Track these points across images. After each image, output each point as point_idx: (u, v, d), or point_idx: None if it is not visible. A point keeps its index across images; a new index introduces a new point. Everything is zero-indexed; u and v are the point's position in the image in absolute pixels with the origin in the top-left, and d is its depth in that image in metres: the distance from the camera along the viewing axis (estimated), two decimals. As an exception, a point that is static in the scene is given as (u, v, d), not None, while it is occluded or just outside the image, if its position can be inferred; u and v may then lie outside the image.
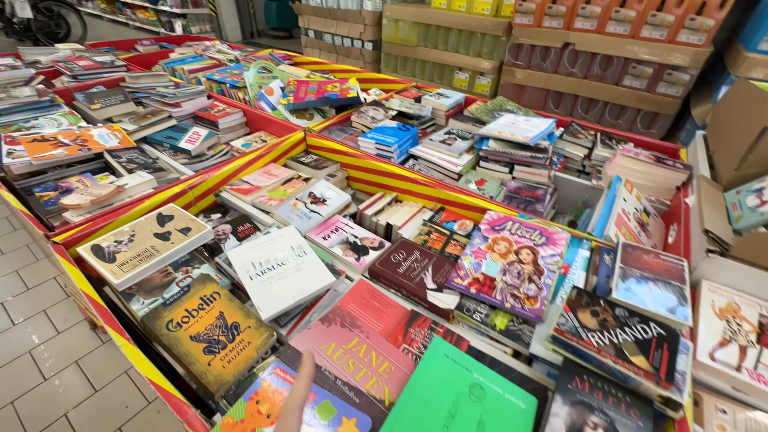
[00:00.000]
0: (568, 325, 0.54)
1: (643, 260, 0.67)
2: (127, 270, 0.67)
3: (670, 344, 0.50)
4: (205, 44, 2.12)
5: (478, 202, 0.89)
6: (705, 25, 1.76)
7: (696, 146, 1.06)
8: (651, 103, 2.06)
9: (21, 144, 0.99)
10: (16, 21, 4.11)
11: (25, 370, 1.23)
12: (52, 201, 0.89)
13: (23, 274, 1.57)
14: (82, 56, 1.70)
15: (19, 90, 1.25)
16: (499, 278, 0.69)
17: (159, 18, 5.30)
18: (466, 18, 2.48)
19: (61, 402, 1.15)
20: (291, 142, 1.13)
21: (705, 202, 0.74)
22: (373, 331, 0.61)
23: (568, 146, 1.18)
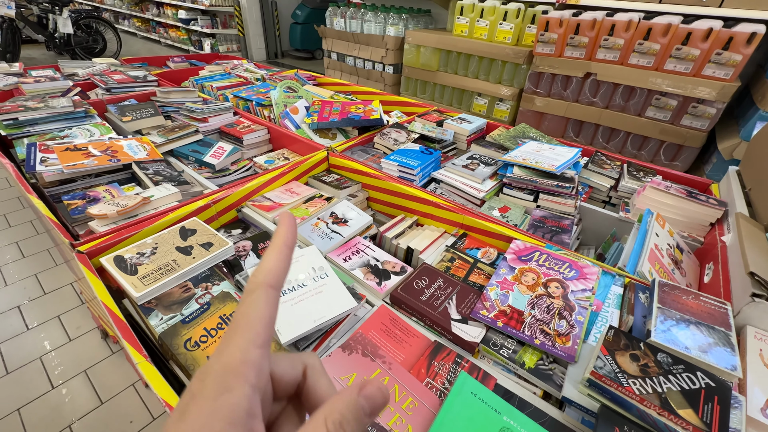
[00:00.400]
0: (606, 369, 0.51)
1: (682, 301, 0.63)
2: (148, 283, 0.66)
3: (720, 397, 0.46)
4: (233, 63, 2.19)
5: (503, 230, 0.86)
6: (732, 60, 1.75)
7: (729, 182, 1.03)
8: (675, 135, 2.02)
9: (54, 152, 1.02)
10: (57, 36, 4.37)
11: (35, 376, 1.22)
12: (79, 209, 0.90)
13: (42, 279, 1.59)
14: (117, 70, 1.77)
15: (56, 100, 1.30)
16: (528, 312, 0.66)
17: (189, 37, 5.56)
18: (488, 46, 2.52)
19: (67, 412, 1.13)
20: (314, 161, 1.14)
21: (747, 242, 0.71)
22: (396, 362, 0.58)
23: (594, 176, 1.15)
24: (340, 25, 3.45)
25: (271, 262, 0.21)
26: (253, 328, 0.19)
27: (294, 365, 0.22)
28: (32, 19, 4.32)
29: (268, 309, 0.20)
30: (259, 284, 0.21)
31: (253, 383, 0.17)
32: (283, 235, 0.23)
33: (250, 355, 0.18)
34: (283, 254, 0.22)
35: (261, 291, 0.20)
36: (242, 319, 0.19)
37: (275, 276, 0.21)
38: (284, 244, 0.22)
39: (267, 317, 0.20)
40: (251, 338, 0.19)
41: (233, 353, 0.18)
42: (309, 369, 0.22)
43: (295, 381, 0.22)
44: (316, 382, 0.22)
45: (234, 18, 5.08)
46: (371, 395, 0.19)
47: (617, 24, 1.97)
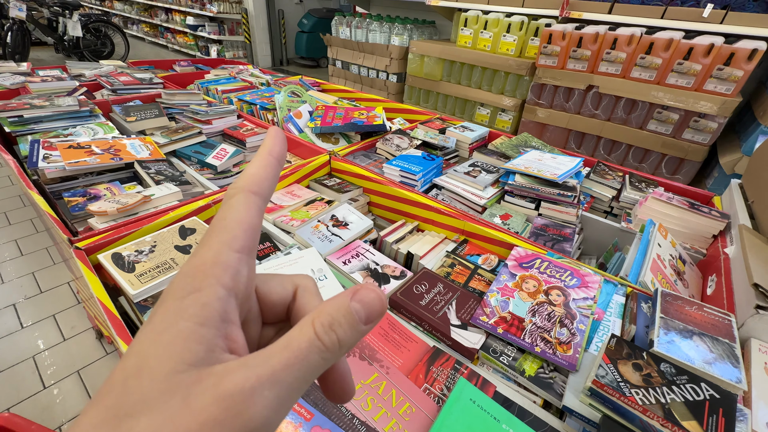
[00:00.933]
0: (609, 378, 0.50)
1: (685, 312, 0.62)
2: (145, 281, 0.65)
3: (726, 409, 0.45)
4: (239, 67, 2.21)
5: (504, 237, 0.86)
6: (733, 76, 1.76)
7: (732, 195, 1.02)
8: (676, 148, 2.03)
9: (57, 150, 1.02)
10: (66, 38, 4.43)
11: (27, 375, 1.20)
12: (79, 206, 0.90)
13: (38, 277, 1.58)
14: (124, 72, 1.79)
15: (61, 99, 1.31)
16: (528, 319, 0.65)
17: (197, 42, 5.64)
18: (491, 57, 2.54)
19: (58, 413, 1.11)
20: (316, 165, 1.14)
21: (750, 254, 0.70)
22: (393, 367, 0.57)
23: (596, 186, 1.15)
24: (345, 34, 3.50)
25: (254, 168, 0.19)
26: (230, 230, 0.17)
27: (284, 285, 0.20)
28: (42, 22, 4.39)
29: (249, 213, 0.18)
30: (240, 188, 0.18)
31: (227, 285, 0.16)
32: (269, 145, 0.20)
33: (223, 256, 0.16)
34: (268, 162, 0.20)
35: (241, 195, 0.18)
36: (218, 223, 0.17)
37: (258, 182, 0.19)
38: (269, 152, 0.20)
39: (247, 221, 0.17)
40: (226, 240, 0.17)
41: (204, 254, 0.16)
42: (300, 289, 0.20)
43: (284, 301, 0.20)
44: (307, 302, 0.20)
45: (241, 25, 5.15)
46: (366, 300, 0.16)
47: (619, 38, 2.00)
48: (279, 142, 0.21)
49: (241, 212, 0.18)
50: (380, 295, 0.17)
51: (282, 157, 0.21)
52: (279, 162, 0.20)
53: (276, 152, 0.20)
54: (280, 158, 0.20)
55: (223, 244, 0.17)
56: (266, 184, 0.19)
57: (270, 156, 0.20)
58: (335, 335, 0.16)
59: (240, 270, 0.17)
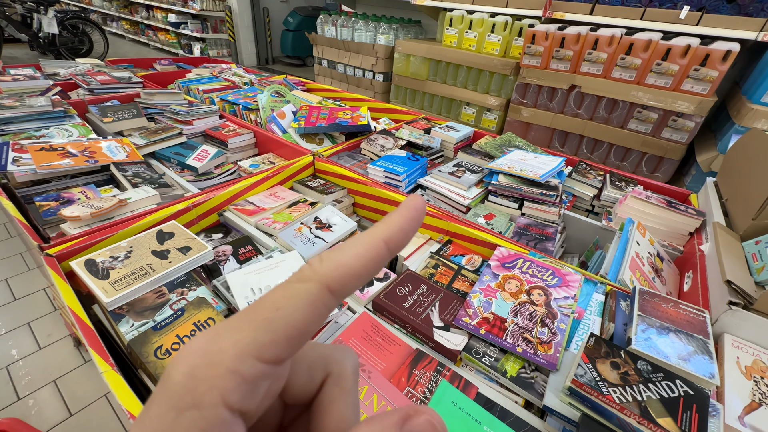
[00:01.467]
0: (587, 377, 0.50)
1: (662, 309, 0.64)
2: (119, 288, 0.63)
3: (699, 405, 0.46)
4: (221, 66, 2.17)
5: (488, 237, 0.86)
6: (709, 76, 1.81)
7: (707, 193, 1.05)
8: (656, 147, 2.08)
9: (28, 152, 0.99)
10: (41, 35, 4.28)
11: (0, 387, 1.16)
12: (51, 211, 0.86)
13: (12, 284, 1.52)
14: (101, 71, 1.74)
15: (34, 99, 1.26)
16: (510, 319, 0.65)
17: (179, 40, 5.52)
18: (476, 57, 2.56)
19: (33, 425, 1.06)
20: (299, 166, 1.13)
21: (724, 251, 0.72)
22: (376, 371, 0.56)
23: (578, 185, 1.17)
24: (331, 32, 3.47)
25: (351, 258, 0.13)
26: (272, 332, 0.12)
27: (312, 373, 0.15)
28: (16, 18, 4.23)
29: (309, 318, 0.13)
30: (318, 277, 0.13)
31: (233, 406, 0.12)
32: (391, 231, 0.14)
33: (244, 366, 0.12)
34: (374, 254, 0.14)
35: (313, 288, 0.13)
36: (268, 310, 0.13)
37: (346, 279, 0.13)
38: (385, 240, 0.14)
39: (301, 328, 0.13)
40: (259, 342, 0.12)
41: (224, 350, 0.12)
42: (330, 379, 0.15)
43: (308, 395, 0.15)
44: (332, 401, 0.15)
45: (225, 23, 5.06)
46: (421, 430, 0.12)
47: (600, 39, 2.03)
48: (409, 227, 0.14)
49: (299, 313, 0.13)
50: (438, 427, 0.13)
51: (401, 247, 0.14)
52: (392, 254, 0.14)
53: (395, 243, 0.14)
54: (396, 250, 0.14)
55: (254, 348, 0.12)
56: (355, 283, 0.13)
57: (383, 245, 0.14)
58: None
59: (260, 385, 0.12)
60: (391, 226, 0.14)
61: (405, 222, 0.14)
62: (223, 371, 0.12)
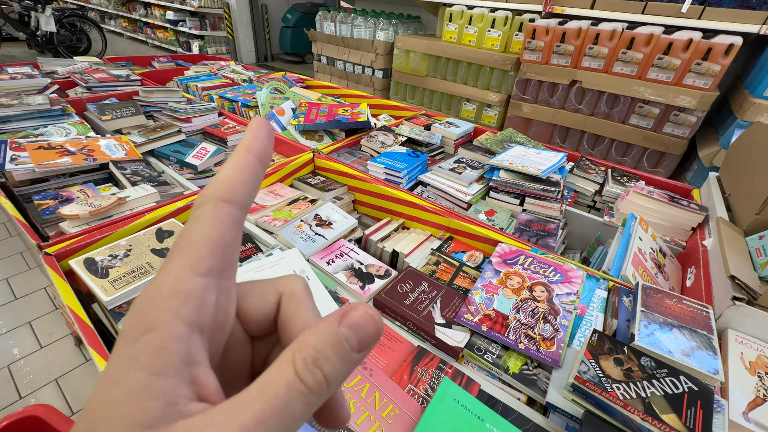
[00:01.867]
0: (590, 374, 0.50)
1: (665, 305, 0.63)
2: (119, 287, 0.63)
3: (703, 401, 0.46)
4: (220, 64, 2.16)
5: (489, 233, 0.86)
6: (711, 70, 1.80)
7: (710, 187, 1.04)
8: (657, 142, 2.07)
9: (26, 150, 0.98)
10: (39, 34, 4.26)
11: (2, 386, 1.16)
12: (50, 210, 0.86)
13: (12, 283, 1.52)
14: (99, 69, 1.73)
15: (31, 98, 1.26)
16: (512, 316, 0.65)
17: (177, 38, 5.49)
18: (476, 52, 2.54)
19: (35, 424, 1.07)
20: (299, 163, 1.12)
21: (727, 246, 0.71)
22: (377, 369, 0.56)
23: (579, 181, 1.16)
24: (330, 29, 3.45)
25: (227, 170, 0.16)
26: (194, 250, 0.14)
27: (265, 296, 0.17)
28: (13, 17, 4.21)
29: (219, 227, 0.15)
30: (208, 197, 0.15)
31: (188, 320, 0.13)
32: (248, 140, 0.16)
33: (183, 284, 0.13)
34: (246, 161, 0.16)
35: (209, 205, 0.15)
36: (181, 241, 0.14)
37: (231, 187, 0.15)
38: (247, 149, 0.16)
39: (216, 236, 0.14)
40: (189, 263, 0.14)
41: (161, 282, 0.13)
42: (284, 298, 0.17)
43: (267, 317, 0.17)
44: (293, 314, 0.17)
45: (223, 20, 5.04)
46: (357, 322, 0.14)
47: (601, 33, 2.02)
48: (261, 136, 0.17)
49: (208, 226, 0.14)
50: (373, 313, 0.14)
51: (265, 154, 0.17)
52: (261, 161, 0.16)
53: (256, 149, 0.16)
54: (261, 156, 0.16)
55: (185, 268, 0.14)
56: (243, 188, 0.16)
57: (248, 153, 0.16)
58: (321, 373, 0.13)
59: (206, 298, 0.14)
60: (246, 140, 0.17)
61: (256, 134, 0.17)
62: (167, 294, 0.13)
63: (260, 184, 0.17)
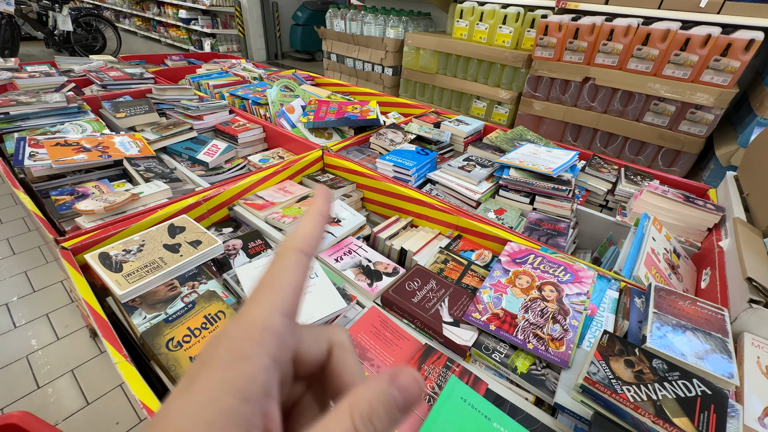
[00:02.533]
0: (600, 375, 0.49)
1: (678, 306, 0.62)
2: (132, 281, 0.64)
3: (717, 406, 0.45)
4: (231, 62, 2.18)
5: (498, 232, 0.85)
6: (730, 67, 1.75)
7: (727, 187, 1.02)
8: (673, 140, 2.02)
9: (44, 147, 1.00)
10: (56, 33, 4.35)
11: (21, 375, 1.20)
12: (66, 205, 0.88)
13: (31, 276, 1.57)
14: (114, 67, 1.76)
15: (49, 96, 1.29)
16: (521, 315, 0.64)
17: (190, 36, 5.56)
18: (487, 49, 2.52)
19: (52, 413, 1.10)
20: (308, 160, 1.13)
21: (745, 248, 0.69)
22: (385, 366, 0.56)
23: (591, 180, 1.14)
24: (340, 26, 3.45)
25: (306, 228, 0.19)
26: (281, 292, 0.17)
27: (319, 341, 0.19)
28: (32, 16, 4.31)
29: (299, 275, 0.18)
30: (292, 248, 0.18)
31: (273, 354, 0.15)
32: (319, 205, 0.21)
33: (272, 321, 0.16)
34: (318, 222, 0.20)
35: (294, 255, 0.18)
36: (269, 282, 0.17)
37: (309, 242, 0.19)
38: (319, 212, 0.21)
39: (297, 284, 0.17)
40: (276, 303, 0.16)
41: (254, 317, 0.16)
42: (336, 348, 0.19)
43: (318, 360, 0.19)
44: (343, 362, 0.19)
45: (234, 18, 5.08)
46: (406, 386, 0.15)
47: (616, 29, 1.98)
48: (327, 203, 0.21)
49: (292, 273, 0.17)
50: (419, 379, 0.16)
51: (329, 216, 0.21)
52: (327, 221, 0.21)
53: (326, 212, 0.21)
54: (327, 218, 0.21)
55: (274, 307, 0.16)
56: (316, 243, 0.19)
57: (320, 216, 0.20)
58: (373, 428, 0.14)
59: (285, 337, 0.16)
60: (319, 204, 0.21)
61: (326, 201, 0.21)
62: (260, 328, 0.15)
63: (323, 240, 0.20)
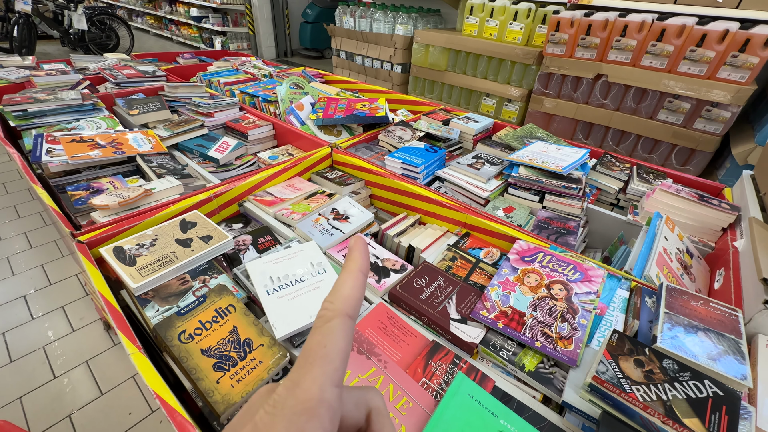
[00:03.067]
0: (609, 374, 0.49)
1: (690, 307, 0.61)
2: (146, 275, 0.66)
3: (729, 407, 0.44)
4: (241, 59, 2.20)
5: (507, 230, 0.85)
6: (748, 63, 1.70)
7: (743, 186, 1.00)
8: (687, 139, 1.98)
9: (60, 143, 1.03)
10: (72, 32, 4.44)
11: (38, 365, 1.23)
12: (82, 200, 0.90)
13: (48, 269, 1.61)
14: (127, 65, 1.79)
15: (65, 93, 1.32)
16: (529, 314, 0.64)
17: (201, 34, 5.62)
18: (497, 46, 2.49)
19: (67, 402, 1.14)
20: (317, 157, 1.13)
21: (760, 248, 0.68)
22: (392, 361, 0.57)
23: (602, 178, 1.13)
24: (349, 24, 3.45)
25: (348, 289, 0.19)
26: (332, 361, 0.16)
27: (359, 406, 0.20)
28: (48, 15, 4.40)
29: (346, 341, 0.17)
30: (338, 312, 0.18)
31: (327, 428, 0.15)
32: (358, 261, 0.20)
33: (328, 393, 0.15)
34: (359, 281, 0.20)
35: (339, 320, 0.17)
36: (320, 350, 0.16)
37: (352, 304, 0.18)
38: (359, 270, 0.20)
39: (345, 351, 0.17)
40: (329, 373, 0.16)
41: (310, 388, 0.15)
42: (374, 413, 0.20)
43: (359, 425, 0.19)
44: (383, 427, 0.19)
45: (245, 16, 5.11)
46: None
47: (630, 25, 1.94)
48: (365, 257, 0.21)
49: (340, 340, 0.17)
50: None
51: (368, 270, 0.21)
52: (366, 276, 0.21)
53: (366, 268, 0.21)
54: (367, 273, 0.21)
55: (327, 378, 0.16)
56: (358, 305, 0.19)
57: (361, 274, 0.20)
58: None
59: (337, 408, 0.16)
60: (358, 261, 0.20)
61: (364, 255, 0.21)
62: (316, 402, 0.15)
63: None
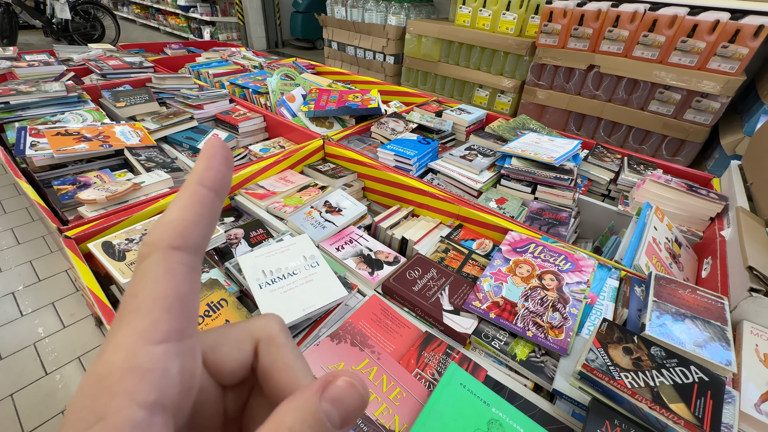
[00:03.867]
0: (598, 362, 0.50)
1: (678, 295, 0.62)
2: (135, 270, 0.65)
3: (714, 392, 0.46)
4: (231, 50, 2.16)
5: (499, 222, 0.85)
6: (738, 53, 1.71)
7: (731, 176, 1.01)
8: (678, 129, 2.00)
9: (45, 137, 1.00)
10: (54, 21, 4.31)
11: (28, 362, 1.22)
12: (69, 195, 0.88)
13: (36, 265, 1.58)
14: (113, 56, 1.74)
15: (48, 85, 1.28)
16: (521, 304, 0.64)
17: (189, 24, 5.49)
18: (490, 36, 2.48)
19: (60, 398, 1.13)
20: (309, 150, 1.12)
21: (746, 237, 0.69)
22: (385, 353, 0.57)
23: (594, 169, 1.14)
24: (340, 13, 3.40)
25: (176, 211, 0.13)
26: (146, 314, 0.12)
27: (240, 346, 0.15)
28: (29, 4, 4.26)
29: (171, 281, 0.12)
30: (156, 246, 0.13)
31: (146, 401, 0.11)
32: (198, 171, 0.14)
33: (138, 358, 0.11)
34: (197, 198, 0.14)
35: (157, 255, 0.13)
36: (130, 303, 0.12)
37: (181, 231, 0.13)
38: (198, 183, 0.14)
39: (170, 293, 0.12)
40: (142, 331, 0.12)
41: (110, 358, 0.11)
42: (262, 344, 0.15)
43: (244, 366, 0.15)
44: (273, 360, 0.15)
45: (234, 6, 5.00)
46: (340, 396, 0.12)
47: (622, 15, 1.94)
48: (216, 164, 0.14)
49: (159, 282, 0.12)
50: (356, 382, 0.12)
51: (221, 184, 0.14)
52: (217, 193, 0.14)
53: (211, 179, 0.14)
54: (217, 187, 0.14)
55: (137, 338, 0.12)
56: (196, 230, 0.13)
57: (201, 187, 0.14)
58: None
59: (168, 369, 0.12)
60: (198, 170, 0.14)
61: (210, 162, 0.14)
62: (119, 373, 0.11)
63: (217, 219, 0.14)
